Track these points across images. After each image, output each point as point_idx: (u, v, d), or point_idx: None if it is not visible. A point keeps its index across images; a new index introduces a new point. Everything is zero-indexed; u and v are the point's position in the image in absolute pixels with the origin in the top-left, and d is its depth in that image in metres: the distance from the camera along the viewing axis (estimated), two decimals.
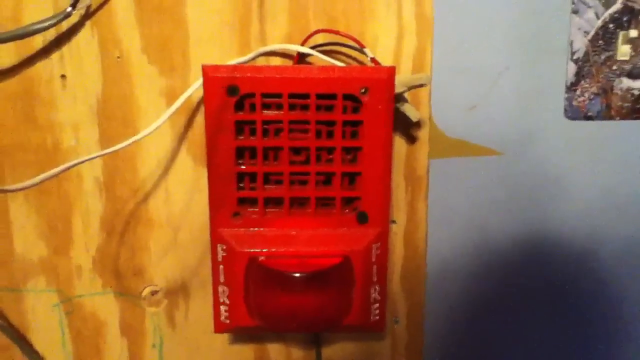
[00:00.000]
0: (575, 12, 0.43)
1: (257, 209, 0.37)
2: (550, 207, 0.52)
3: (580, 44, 0.43)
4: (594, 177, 0.52)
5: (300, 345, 0.42)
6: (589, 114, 0.46)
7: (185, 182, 0.39)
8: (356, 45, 0.36)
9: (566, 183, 0.51)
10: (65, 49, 0.37)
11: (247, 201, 0.37)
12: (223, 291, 0.37)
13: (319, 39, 0.37)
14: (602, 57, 0.44)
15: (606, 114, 0.47)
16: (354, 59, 0.38)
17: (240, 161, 0.36)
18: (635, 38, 0.49)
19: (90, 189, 0.39)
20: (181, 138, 0.39)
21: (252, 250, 0.36)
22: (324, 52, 0.37)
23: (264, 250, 0.36)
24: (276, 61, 0.38)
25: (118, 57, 0.37)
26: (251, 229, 0.37)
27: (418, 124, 0.39)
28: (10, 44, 0.36)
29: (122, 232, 0.40)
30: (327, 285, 0.36)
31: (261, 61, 0.38)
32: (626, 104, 0.48)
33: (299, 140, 0.36)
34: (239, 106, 0.35)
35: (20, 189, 0.28)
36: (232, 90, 0.34)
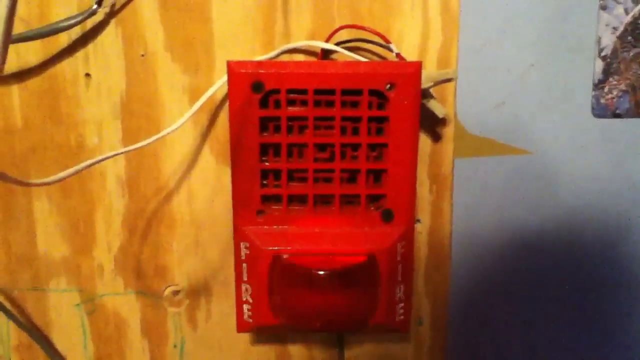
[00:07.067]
0: (603, 8, 0.42)
1: (281, 207, 0.36)
2: (579, 207, 0.51)
3: (609, 40, 0.42)
4: (623, 175, 0.50)
5: (323, 346, 0.42)
6: (617, 111, 0.45)
7: (209, 180, 0.39)
8: (381, 41, 0.36)
9: (595, 182, 0.50)
10: (90, 46, 0.37)
11: (271, 199, 0.36)
12: (246, 290, 0.37)
13: (344, 35, 0.37)
14: (631, 53, 0.43)
15: (635, 112, 0.45)
16: (379, 55, 0.38)
17: (264, 158, 0.36)
18: None
19: (113, 188, 0.39)
20: (204, 136, 0.39)
21: (276, 248, 0.36)
22: (349, 49, 0.36)
23: (288, 248, 0.35)
24: (300, 58, 0.38)
25: (142, 55, 0.37)
26: (275, 226, 0.36)
27: (443, 122, 0.39)
28: (36, 42, 0.37)
29: (144, 231, 0.40)
30: (352, 284, 0.35)
31: (284, 59, 0.37)
32: None
33: (324, 137, 0.35)
34: (263, 103, 0.34)
35: (40, 184, 0.27)
36: (257, 86, 0.34)
